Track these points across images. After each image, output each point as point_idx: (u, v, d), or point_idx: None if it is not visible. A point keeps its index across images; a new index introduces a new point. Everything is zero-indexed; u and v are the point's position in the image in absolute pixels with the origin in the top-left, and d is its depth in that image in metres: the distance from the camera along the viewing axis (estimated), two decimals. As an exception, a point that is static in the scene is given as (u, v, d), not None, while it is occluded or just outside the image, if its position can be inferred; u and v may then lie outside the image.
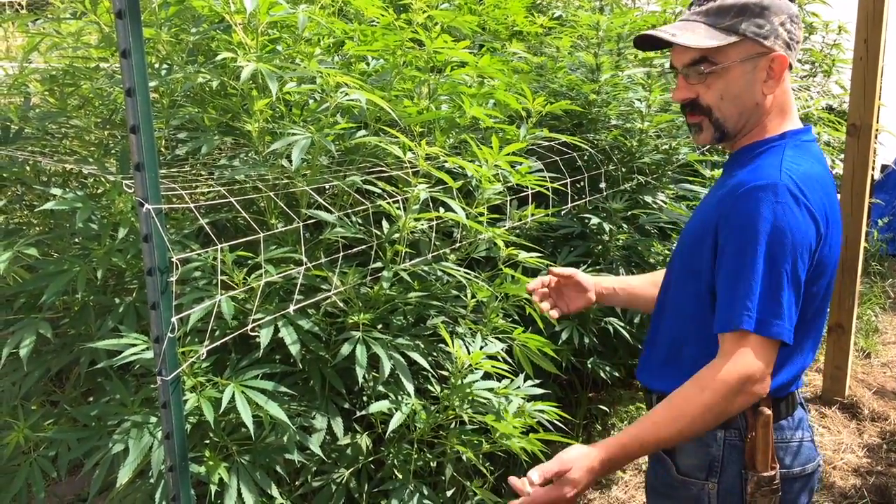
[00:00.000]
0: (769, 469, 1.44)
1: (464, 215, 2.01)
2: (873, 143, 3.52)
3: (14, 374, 2.02)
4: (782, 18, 1.42)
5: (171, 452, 1.53)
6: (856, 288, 3.69)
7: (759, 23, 1.41)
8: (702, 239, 1.46)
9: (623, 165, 3.00)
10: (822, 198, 1.38)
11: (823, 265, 1.41)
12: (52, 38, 2.32)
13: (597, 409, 3.36)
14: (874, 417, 3.69)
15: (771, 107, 1.47)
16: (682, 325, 1.53)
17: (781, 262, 1.33)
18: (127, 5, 1.29)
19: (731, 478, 1.47)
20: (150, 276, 1.43)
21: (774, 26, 1.42)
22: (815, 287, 1.41)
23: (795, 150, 1.43)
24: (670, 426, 1.37)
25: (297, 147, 1.79)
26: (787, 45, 1.43)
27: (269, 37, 2.11)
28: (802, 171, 1.38)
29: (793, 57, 1.44)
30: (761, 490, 1.43)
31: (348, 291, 1.98)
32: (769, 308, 1.33)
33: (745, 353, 1.34)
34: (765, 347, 1.34)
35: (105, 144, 2.28)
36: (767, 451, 1.44)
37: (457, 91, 2.26)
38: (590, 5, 3.70)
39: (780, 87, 1.45)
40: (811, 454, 1.52)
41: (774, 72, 1.43)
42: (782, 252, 1.33)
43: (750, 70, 1.44)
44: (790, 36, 1.43)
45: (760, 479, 1.43)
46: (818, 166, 1.43)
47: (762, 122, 1.48)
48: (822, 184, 1.40)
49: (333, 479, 2.03)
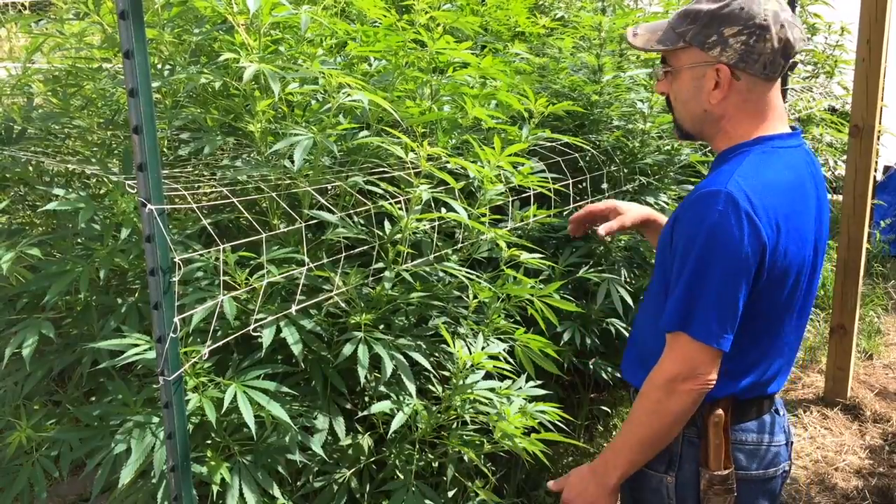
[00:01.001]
0: (722, 468, 1.49)
1: (466, 216, 2.01)
2: (876, 144, 3.52)
3: (17, 374, 2.02)
4: (736, 30, 1.42)
5: (173, 452, 1.53)
6: (858, 289, 3.69)
7: (707, 33, 1.44)
8: (666, 240, 1.51)
9: (625, 166, 2.99)
10: (778, 204, 1.39)
11: (780, 270, 1.42)
12: (55, 38, 2.32)
13: (599, 410, 3.36)
14: (876, 419, 3.68)
15: (727, 114, 1.49)
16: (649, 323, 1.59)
17: (713, 268, 1.37)
18: (130, 6, 1.29)
19: (688, 473, 1.52)
20: (153, 277, 1.43)
21: (724, 37, 1.43)
22: (774, 291, 1.44)
23: (761, 156, 1.45)
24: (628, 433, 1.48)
25: (300, 148, 1.79)
26: (740, 58, 1.43)
27: (272, 37, 2.12)
28: (756, 179, 1.39)
29: (755, 69, 1.44)
30: (714, 488, 1.49)
31: (350, 292, 1.98)
32: (696, 311, 1.38)
33: (674, 353, 1.42)
34: (692, 348, 1.39)
35: (108, 145, 2.29)
36: (719, 451, 1.49)
37: (459, 92, 2.26)
38: (592, 6, 3.70)
39: (734, 97, 1.47)
40: (775, 459, 1.55)
41: (721, 82, 1.46)
42: (713, 259, 1.37)
43: (698, 77, 1.48)
44: (747, 49, 1.42)
45: (712, 476, 1.49)
46: (784, 172, 1.44)
47: (724, 129, 1.51)
48: (781, 190, 1.42)
49: (335, 479, 2.03)
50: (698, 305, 1.38)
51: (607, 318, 2.83)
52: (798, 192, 1.45)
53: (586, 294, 2.83)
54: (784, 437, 1.58)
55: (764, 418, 1.55)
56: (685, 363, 1.40)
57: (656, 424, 1.44)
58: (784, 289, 1.45)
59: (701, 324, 1.38)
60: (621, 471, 1.51)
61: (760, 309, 1.44)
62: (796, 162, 1.48)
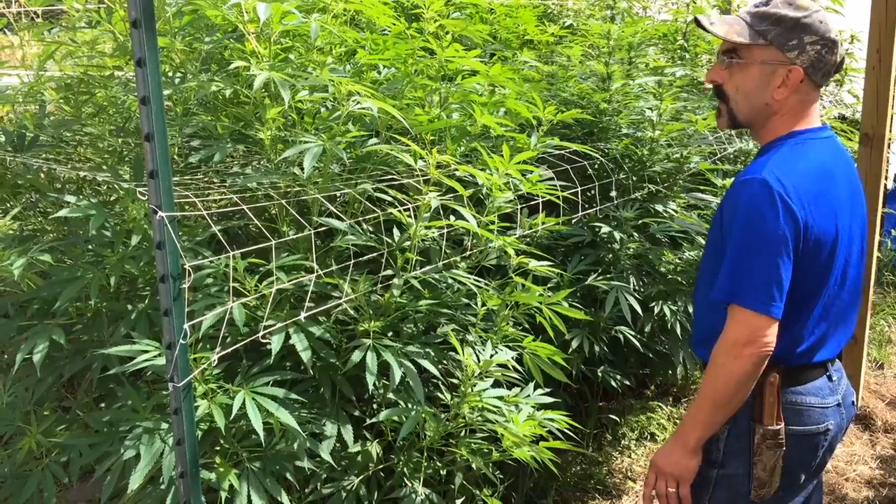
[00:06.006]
0: (775, 424, 1.65)
1: (475, 223, 2.02)
2: (886, 152, 3.50)
3: (27, 380, 2.03)
4: (814, 40, 1.60)
5: (182, 458, 1.53)
6: (869, 298, 3.66)
7: (789, 36, 1.61)
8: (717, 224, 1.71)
9: (634, 174, 2.99)
10: (808, 186, 1.57)
11: (812, 244, 1.58)
12: (68, 46, 2.34)
13: (607, 419, 3.35)
14: (887, 429, 3.65)
15: (781, 110, 1.67)
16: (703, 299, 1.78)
17: (754, 245, 1.55)
18: (142, 15, 1.31)
19: (742, 427, 1.68)
20: (163, 283, 1.44)
21: (803, 43, 1.60)
22: (809, 265, 1.60)
23: (793, 147, 1.64)
24: (701, 398, 1.65)
25: (309, 155, 1.79)
26: (811, 65, 1.61)
27: (282, 46, 2.13)
28: (787, 165, 1.58)
29: (817, 76, 1.63)
30: (766, 442, 1.66)
31: (359, 299, 1.98)
32: (743, 284, 1.56)
33: (733, 322, 1.59)
34: (746, 315, 1.56)
35: (119, 152, 2.30)
36: (773, 408, 1.66)
37: (468, 99, 2.27)
38: (601, 14, 3.70)
39: (793, 96, 1.65)
40: (819, 418, 1.70)
41: (789, 81, 1.62)
42: (753, 237, 1.55)
43: (768, 73, 1.64)
44: (819, 58, 1.61)
45: (766, 431, 1.65)
46: (813, 159, 1.62)
47: (772, 123, 1.69)
48: (810, 173, 1.59)
49: (343, 486, 2.03)
50: (745, 278, 1.56)
51: (616, 325, 2.83)
52: (827, 175, 1.62)
53: (595, 302, 2.83)
54: (834, 398, 1.73)
55: (817, 383, 1.71)
56: (742, 329, 1.57)
57: (723, 387, 1.60)
58: (819, 262, 1.61)
59: (748, 294, 1.56)
60: (699, 433, 1.67)
61: (798, 282, 1.59)
62: (825, 150, 1.66)
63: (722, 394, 1.61)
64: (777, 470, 1.68)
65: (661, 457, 1.74)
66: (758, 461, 1.68)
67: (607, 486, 3.06)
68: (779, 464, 1.67)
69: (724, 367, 1.59)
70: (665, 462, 1.72)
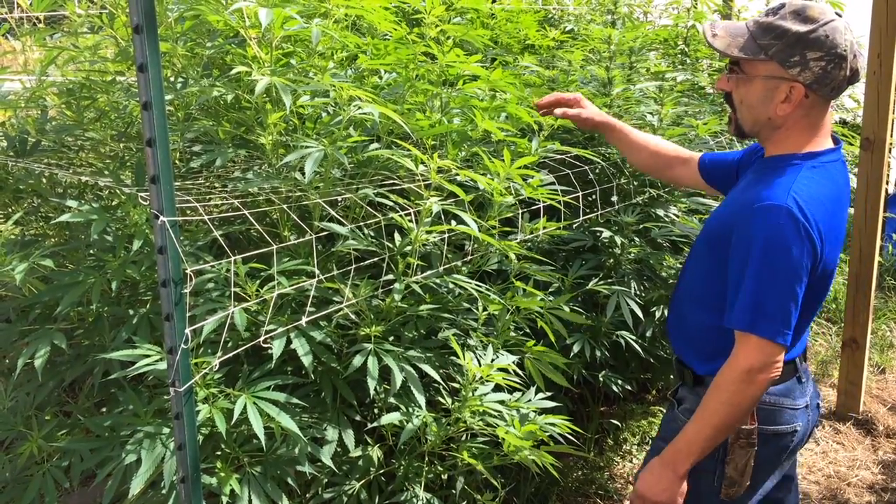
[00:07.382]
0: (748, 424, 1.66)
1: (476, 228, 2.02)
2: (887, 157, 3.50)
3: (28, 385, 2.03)
4: (818, 56, 1.55)
5: (183, 463, 1.53)
6: (870, 303, 3.66)
7: (791, 52, 1.56)
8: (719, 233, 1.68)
9: (635, 179, 2.99)
10: (825, 217, 1.56)
11: (821, 273, 1.61)
12: (70, 51, 2.35)
13: (609, 424, 3.34)
14: (889, 434, 3.65)
15: (786, 125, 1.64)
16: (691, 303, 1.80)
17: (777, 276, 1.54)
18: (144, 20, 1.31)
19: None
20: (165, 288, 1.44)
21: (806, 60, 1.55)
22: (814, 291, 1.63)
23: (811, 171, 1.60)
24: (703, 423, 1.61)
25: (311, 160, 1.80)
26: (816, 80, 1.56)
27: (283, 51, 2.13)
28: (808, 194, 1.55)
29: (824, 91, 1.58)
30: (739, 441, 1.67)
31: (360, 304, 1.98)
32: (764, 314, 1.55)
33: (747, 350, 1.57)
34: (762, 345, 1.55)
35: (120, 157, 2.31)
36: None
37: (469, 104, 2.27)
38: (602, 19, 3.71)
39: (798, 111, 1.61)
40: (789, 419, 1.73)
41: (792, 98, 1.59)
42: (777, 267, 1.53)
43: (771, 88, 1.61)
44: (824, 74, 1.56)
45: (740, 431, 1.66)
46: (828, 186, 1.60)
47: (777, 136, 1.66)
48: (825, 203, 1.58)
49: (344, 490, 2.03)
50: (766, 309, 1.55)
51: (617, 330, 2.83)
52: (837, 203, 1.63)
53: (596, 306, 2.83)
54: (804, 401, 1.75)
55: (787, 384, 1.72)
56: (759, 358, 1.56)
57: (733, 412, 1.58)
58: (820, 288, 1.64)
59: (768, 325, 1.55)
60: (694, 458, 1.63)
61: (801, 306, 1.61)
62: (837, 176, 1.65)
63: (730, 418, 1.59)
64: (748, 469, 1.69)
65: (647, 485, 1.68)
66: (730, 460, 1.69)
67: (609, 490, 3.06)
68: (750, 463, 1.68)
69: (737, 394, 1.57)
70: (653, 491, 1.67)
